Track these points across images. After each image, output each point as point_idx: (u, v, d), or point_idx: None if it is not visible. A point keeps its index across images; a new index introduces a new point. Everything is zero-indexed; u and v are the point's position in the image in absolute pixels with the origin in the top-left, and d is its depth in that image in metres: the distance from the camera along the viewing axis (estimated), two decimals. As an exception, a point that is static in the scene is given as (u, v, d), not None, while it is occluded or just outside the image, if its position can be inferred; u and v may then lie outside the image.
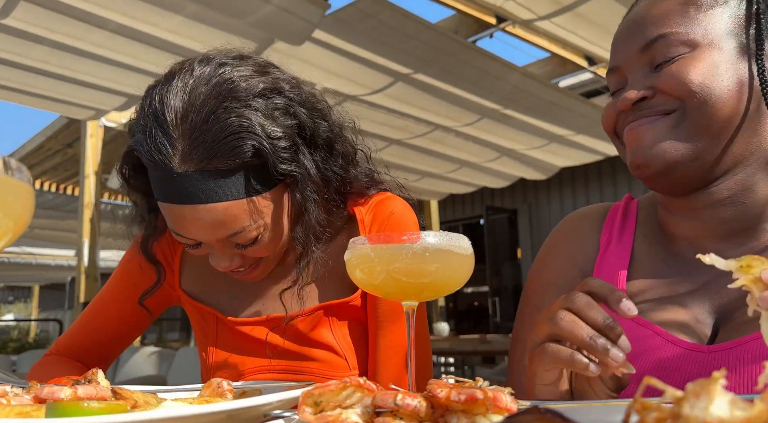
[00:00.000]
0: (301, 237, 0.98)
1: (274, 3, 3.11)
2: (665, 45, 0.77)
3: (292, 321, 1.04)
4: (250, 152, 0.88)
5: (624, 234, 0.90)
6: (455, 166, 6.29)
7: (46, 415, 0.50)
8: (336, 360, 1.04)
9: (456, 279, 0.68)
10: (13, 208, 0.51)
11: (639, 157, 0.78)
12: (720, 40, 0.77)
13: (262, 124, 0.89)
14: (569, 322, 0.61)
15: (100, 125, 5.61)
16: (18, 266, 13.13)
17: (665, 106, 0.77)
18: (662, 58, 0.77)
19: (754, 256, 0.54)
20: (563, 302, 0.64)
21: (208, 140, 0.86)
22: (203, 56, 0.96)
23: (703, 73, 0.75)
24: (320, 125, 0.98)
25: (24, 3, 3.02)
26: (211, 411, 0.50)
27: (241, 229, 0.90)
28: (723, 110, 0.76)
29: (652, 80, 0.78)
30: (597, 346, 0.59)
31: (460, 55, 3.90)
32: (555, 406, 0.48)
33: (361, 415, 0.47)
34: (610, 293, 0.63)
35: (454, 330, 8.71)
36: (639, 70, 0.80)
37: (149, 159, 0.88)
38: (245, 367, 1.07)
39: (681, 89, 0.75)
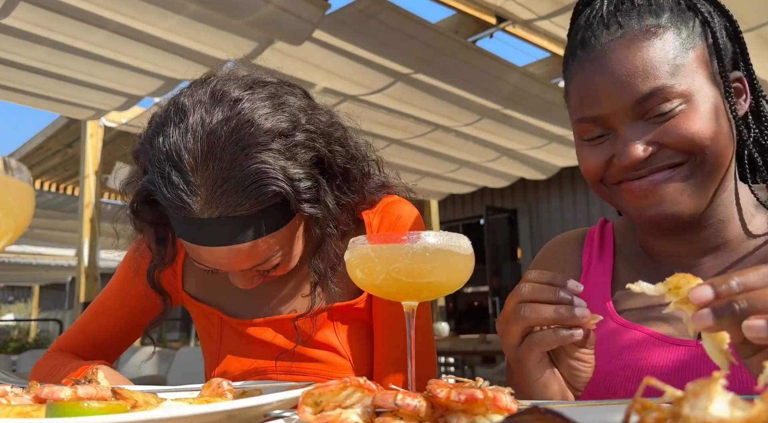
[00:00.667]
0: (318, 267, 0.99)
1: (274, 3, 3.11)
2: (660, 99, 0.76)
3: (298, 322, 1.05)
4: (273, 196, 0.87)
5: (603, 254, 0.96)
6: (455, 166, 6.29)
7: (47, 415, 0.50)
8: (339, 361, 1.04)
9: (456, 279, 0.68)
10: (13, 207, 0.51)
11: (657, 213, 0.79)
12: (703, 84, 0.79)
13: (283, 168, 0.88)
14: (531, 310, 0.67)
15: (100, 125, 5.61)
16: (18, 266, 13.13)
17: (673, 160, 0.78)
18: (658, 111, 0.77)
19: (681, 275, 0.53)
20: (513, 297, 0.70)
21: (230, 189, 0.85)
22: (214, 87, 0.92)
23: (706, 125, 0.77)
24: (337, 153, 0.98)
25: (24, 3, 3.02)
26: (211, 411, 0.50)
27: (264, 261, 0.92)
28: (727, 154, 0.80)
29: (653, 135, 0.78)
30: (565, 314, 0.66)
31: (460, 55, 3.90)
32: (555, 406, 0.48)
33: (361, 415, 0.47)
34: (552, 279, 0.68)
35: (454, 330, 8.71)
36: (633, 123, 0.79)
37: (169, 205, 0.87)
38: (250, 368, 1.07)
39: (690, 144, 0.76)
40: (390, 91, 4.34)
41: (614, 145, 0.81)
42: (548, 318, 0.66)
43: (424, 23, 3.56)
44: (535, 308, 0.67)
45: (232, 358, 1.09)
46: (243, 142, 0.86)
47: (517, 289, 0.70)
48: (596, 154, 0.83)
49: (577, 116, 0.84)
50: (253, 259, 0.91)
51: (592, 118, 0.81)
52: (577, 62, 0.83)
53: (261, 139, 0.87)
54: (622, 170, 0.81)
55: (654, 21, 0.79)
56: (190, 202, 0.85)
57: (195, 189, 0.85)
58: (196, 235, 0.88)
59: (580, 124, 0.84)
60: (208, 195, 0.85)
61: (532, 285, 0.69)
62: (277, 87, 0.96)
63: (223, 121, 0.87)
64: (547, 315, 0.66)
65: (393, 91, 4.34)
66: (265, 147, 0.87)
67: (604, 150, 0.82)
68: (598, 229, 1.00)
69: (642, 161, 0.78)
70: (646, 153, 0.78)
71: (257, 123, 0.88)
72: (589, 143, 0.84)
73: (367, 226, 1.07)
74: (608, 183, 0.84)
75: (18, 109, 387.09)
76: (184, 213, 0.86)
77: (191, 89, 0.93)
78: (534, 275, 0.70)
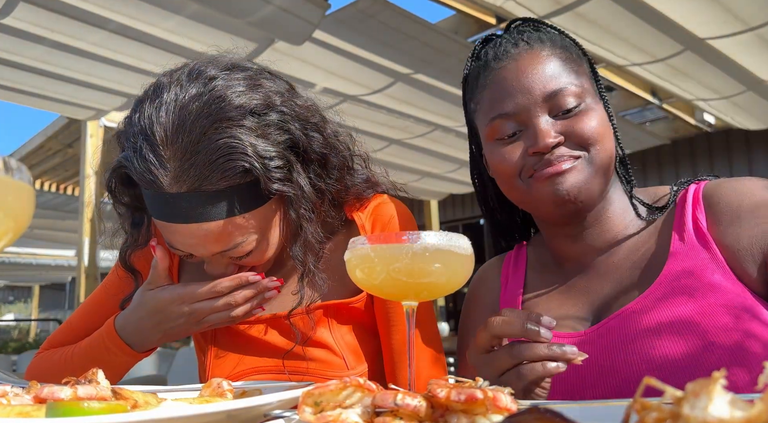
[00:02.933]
0: (299, 255, 0.98)
1: (274, 3, 3.11)
2: (565, 96, 0.92)
3: (292, 320, 1.05)
4: (242, 173, 0.88)
5: (517, 270, 1.10)
6: (455, 166, 6.29)
7: (47, 415, 0.50)
8: (333, 360, 1.04)
9: (456, 279, 0.68)
10: (13, 208, 0.51)
11: (567, 194, 0.91)
12: (594, 94, 0.97)
13: (253, 144, 0.88)
14: (527, 348, 0.75)
15: (100, 125, 5.60)
16: (18, 266, 13.13)
17: (573, 152, 0.92)
18: (564, 107, 0.92)
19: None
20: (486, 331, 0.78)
21: (199, 162, 0.86)
22: (192, 67, 0.94)
23: (600, 125, 0.93)
24: (314, 139, 0.98)
25: (24, 3, 3.02)
26: (211, 411, 0.50)
27: (234, 245, 0.92)
28: (613, 154, 0.96)
29: (560, 127, 0.92)
30: (556, 352, 0.74)
31: (460, 55, 3.90)
32: (555, 407, 0.48)
33: (361, 415, 0.47)
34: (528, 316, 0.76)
35: (454, 330, 8.69)
36: (543, 117, 0.93)
37: (140, 179, 0.88)
38: (243, 367, 1.07)
39: (588, 138, 0.92)
40: (390, 91, 4.34)
41: (527, 138, 0.93)
42: (542, 355, 0.74)
43: (424, 23, 3.56)
44: (531, 347, 0.75)
45: (225, 355, 1.09)
46: (213, 117, 0.87)
47: (491, 323, 0.78)
48: (511, 149, 0.95)
49: (491, 115, 0.96)
50: (224, 241, 0.90)
51: (508, 113, 0.94)
52: (490, 71, 0.98)
53: (232, 114, 0.88)
54: (534, 159, 0.93)
55: (551, 45, 0.98)
56: (159, 175, 0.86)
57: (164, 162, 0.86)
58: (167, 212, 0.88)
59: (495, 122, 0.96)
60: (176, 168, 0.86)
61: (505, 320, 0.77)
62: (257, 72, 0.97)
63: (196, 96, 0.88)
64: (542, 353, 0.74)
65: (393, 91, 4.34)
66: (235, 123, 0.88)
67: (518, 144, 0.95)
68: (514, 252, 1.15)
69: (551, 147, 0.91)
70: (555, 139, 0.91)
71: (229, 99, 0.89)
72: (503, 143, 0.96)
73: (360, 229, 1.06)
74: (524, 177, 0.95)
75: (18, 109, 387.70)
76: (154, 187, 0.87)
77: (171, 70, 0.96)
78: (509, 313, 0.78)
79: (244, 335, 1.08)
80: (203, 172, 0.86)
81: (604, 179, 0.95)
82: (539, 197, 0.94)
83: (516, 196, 0.99)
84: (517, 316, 0.77)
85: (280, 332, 1.07)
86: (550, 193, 0.92)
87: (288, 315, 1.03)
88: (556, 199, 0.92)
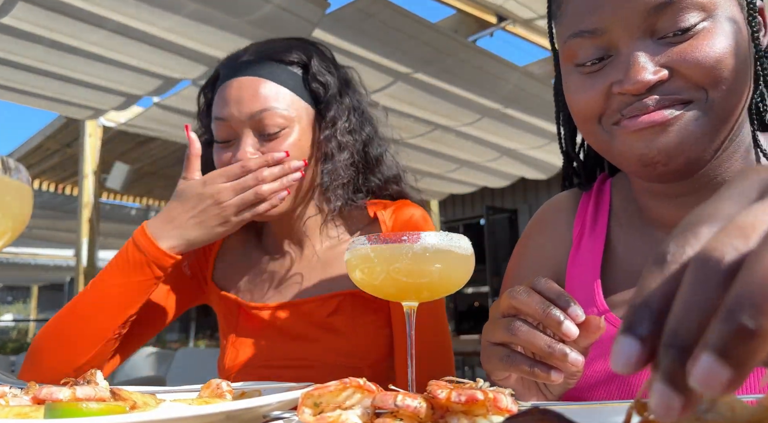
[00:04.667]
0: (326, 180, 1.07)
1: (274, 2, 3.10)
2: (679, 10, 0.63)
3: (310, 306, 1.09)
4: (300, 63, 1.08)
5: (598, 220, 0.83)
6: (455, 166, 6.29)
7: (45, 416, 0.49)
8: (349, 348, 1.06)
9: (456, 279, 0.68)
10: (11, 207, 0.51)
11: (661, 155, 0.66)
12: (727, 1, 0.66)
13: (317, 63, 1.10)
14: (527, 332, 0.60)
15: (98, 125, 5.60)
16: (17, 266, 13.12)
17: (682, 95, 0.65)
18: (675, 27, 0.64)
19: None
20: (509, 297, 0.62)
21: (272, 45, 1.11)
22: None
23: (727, 55, 0.64)
24: (362, 99, 1.18)
25: (22, 2, 3.02)
26: (210, 412, 0.50)
27: (272, 107, 1.03)
28: (743, 95, 0.67)
29: (665, 57, 0.65)
30: (557, 354, 0.58)
31: (460, 54, 3.89)
32: (555, 408, 0.48)
33: (361, 416, 0.47)
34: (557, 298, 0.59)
35: (455, 330, 8.70)
36: (641, 40, 0.65)
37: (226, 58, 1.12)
38: (262, 353, 1.10)
39: (708, 74, 0.63)
40: (390, 90, 4.33)
41: (615, 68, 0.67)
42: (539, 350, 0.59)
43: (425, 23, 3.55)
44: (531, 333, 0.59)
45: (245, 342, 1.12)
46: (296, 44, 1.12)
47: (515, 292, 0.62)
48: (592, 82, 0.69)
49: (571, 31, 0.69)
50: (263, 101, 1.03)
51: (591, 30, 0.67)
52: None
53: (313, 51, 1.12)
54: (623, 102, 0.67)
55: None
56: (239, 50, 1.11)
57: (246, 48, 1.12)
58: (232, 70, 1.07)
59: (573, 42, 0.69)
60: (253, 47, 1.11)
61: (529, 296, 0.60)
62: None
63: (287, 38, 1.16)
64: (538, 347, 0.59)
65: (393, 90, 4.34)
66: (309, 54, 1.10)
67: (602, 77, 0.68)
68: (595, 191, 0.86)
69: (649, 87, 0.65)
70: (655, 76, 0.64)
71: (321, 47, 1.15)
72: (583, 70, 0.70)
73: (382, 224, 1.11)
74: (605, 123, 0.70)
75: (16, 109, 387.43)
76: (230, 58, 1.11)
77: None
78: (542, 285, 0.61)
79: (265, 321, 1.11)
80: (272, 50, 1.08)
81: (725, 132, 0.67)
82: (624, 153, 0.70)
83: (594, 143, 0.75)
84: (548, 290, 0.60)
85: (298, 318, 1.10)
86: (637, 153, 0.68)
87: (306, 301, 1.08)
88: (645, 161, 0.68)
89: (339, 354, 1.06)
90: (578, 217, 0.86)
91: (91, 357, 0.99)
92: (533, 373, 0.60)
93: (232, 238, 1.22)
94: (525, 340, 0.59)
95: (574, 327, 0.57)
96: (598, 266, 0.79)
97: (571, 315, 0.58)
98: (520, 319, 0.61)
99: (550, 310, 0.58)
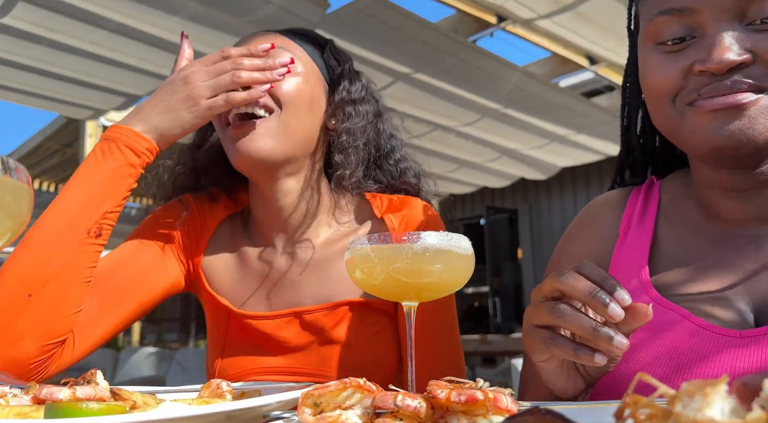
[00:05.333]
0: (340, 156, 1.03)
1: (274, 2, 3.11)
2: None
3: (312, 316, 1.00)
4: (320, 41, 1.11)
5: (645, 217, 0.84)
6: (455, 166, 6.28)
7: (45, 416, 0.49)
8: (356, 361, 0.98)
9: (456, 279, 0.68)
10: (11, 208, 0.51)
11: (728, 139, 0.67)
12: None
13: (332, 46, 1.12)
14: (571, 314, 0.61)
15: (99, 125, 5.59)
16: (18, 266, 13.08)
17: (763, 82, 0.66)
18: (761, 15, 0.65)
19: None
20: (553, 280, 0.63)
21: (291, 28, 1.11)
22: None
23: None
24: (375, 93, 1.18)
25: (23, 3, 3.02)
26: (210, 412, 0.50)
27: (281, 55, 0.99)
28: None
29: (751, 42, 0.65)
30: (601, 335, 0.59)
31: (460, 54, 3.89)
32: (556, 407, 0.48)
33: (361, 416, 0.47)
34: (603, 281, 0.61)
35: (454, 330, 8.65)
36: (729, 23, 0.66)
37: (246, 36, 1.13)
38: (254, 367, 1.01)
39: None
40: (390, 91, 4.33)
41: (698, 48, 0.68)
42: (584, 332, 0.60)
43: (424, 23, 3.55)
44: (577, 316, 0.60)
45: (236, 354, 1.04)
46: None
47: (560, 275, 0.62)
48: (672, 61, 0.70)
49: (659, 9, 0.71)
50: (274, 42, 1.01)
51: (681, 8, 0.68)
52: None
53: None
54: (701, 81, 0.68)
55: None
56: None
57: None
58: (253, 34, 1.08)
59: (660, 20, 0.70)
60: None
61: (575, 279, 0.61)
62: None
63: None
64: (583, 329, 0.59)
65: (393, 91, 4.34)
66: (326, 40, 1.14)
67: (683, 55, 0.69)
68: (644, 189, 0.87)
69: (730, 68, 0.65)
70: (739, 57, 0.65)
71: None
72: (665, 49, 0.71)
73: (391, 231, 1.05)
74: (679, 103, 0.71)
75: (17, 109, 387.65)
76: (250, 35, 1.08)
77: None
78: (588, 269, 0.62)
79: (258, 331, 1.02)
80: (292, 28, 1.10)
81: None
82: (694, 135, 0.70)
83: (663, 123, 0.75)
84: (594, 274, 0.60)
85: (299, 329, 1.01)
86: (709, 135, 0.68)
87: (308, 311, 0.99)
88: (714, 144, 0.68)
89: (346, 369, 0.98)
90: (626, 213, 0.87)
91: (61, 269, 0.84)
92: (577, 356, 0.61)
93: (223, 227, 1.12)
94: (571, 323, 0.60)
95: (620, 309, 0.58)
96: (646, 255, 0.80)
97: (617, 299, 0.59)
98: (564, 303, 0.62)
99: (597, 292, 0.59)
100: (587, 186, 8.40)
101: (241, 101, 0.93)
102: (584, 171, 7.89)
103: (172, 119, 0.91)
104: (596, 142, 5.72)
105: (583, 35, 3.92)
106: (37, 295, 0.84)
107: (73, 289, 0.87)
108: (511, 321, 8.00)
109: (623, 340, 0.58)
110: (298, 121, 1.00)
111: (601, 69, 4.60)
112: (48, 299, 0.85)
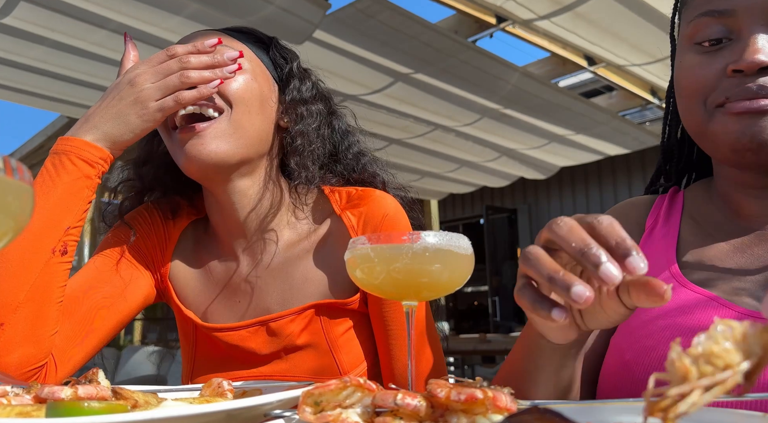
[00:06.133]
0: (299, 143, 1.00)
1: (274, 3, 3.11)
2: None
3: (278, 323, 0.99)
4: (264, 40, 1.06)
5: (670, 219, 0.85)
6: (455, 166, 6.29)
7: (47, 415, 0.50)
8: (327, 364, 0.98)
9: (456, 279, 0.68)
10: (12, 208, 0.51)
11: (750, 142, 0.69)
12: None
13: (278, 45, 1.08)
14: (534, 259, 0.52)
15: (100, 125, 5.60)
16: (18, 266, 13.08)
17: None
18: None
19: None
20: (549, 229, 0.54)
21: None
22: None
23: None
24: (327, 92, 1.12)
25: (24, 2, 3.02)
26: (211, 411, 0.50)
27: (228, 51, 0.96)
28: None
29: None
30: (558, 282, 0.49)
31: (460, 55, 3.90)
32: (555, 406, 0.48)
33: (361, 415, 0.47)
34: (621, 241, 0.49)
35: (454, 330, 8.71)
36: (764, 27, 0.69)
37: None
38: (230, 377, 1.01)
39: None
40: (390, 91, 4.34)
41: (732, 49, 0.71)
42: (539, 279, 0.51)
43: (424, 23, 3.56)
44: (536, 262, 0.51)
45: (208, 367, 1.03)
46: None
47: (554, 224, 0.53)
48: (707, 61, 0.73)
49: (700, 10, 0.73)
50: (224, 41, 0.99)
51: (721, 10, 0.71)
52: None
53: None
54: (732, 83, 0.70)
55: None
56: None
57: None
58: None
59: (700, 21, 0.73)
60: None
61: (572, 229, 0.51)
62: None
63: None
64: (539, 276, 0.50)
65: (393, 91, 4.34)
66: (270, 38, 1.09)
67: (718, 56, 0.72)
68: (669, 195, 0.90)
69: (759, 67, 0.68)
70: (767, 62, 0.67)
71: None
72: (702, 50, 0.74)
73: (350, 229, 1.00)
74: (709, 104, 0.73)
75: (18, 109, 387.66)
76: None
77: None
78: (605, 225, 0.50)
79: (226, 343, 1.01)
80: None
81: None
82: (718, 136, 0.72)
83: (692, 122, 0.77)
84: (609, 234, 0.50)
85: (267, 337, 1.00)
86: (732, 137, 0.71)
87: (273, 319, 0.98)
88: (736, 146, 0.71)
89: (319, 371, 0.97)
90: (652, 213, 0.89)
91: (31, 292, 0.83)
92: (534, 310, 0.51)
93: (186, 236, 1.10)
94: (531, 270, 0.52)
95: (617, 271, 0.47)
96: (673, 251, 0.80)
97: (629, 266, 0.47)
98: (543, 250, 0.53)
99: (590, 248, 0.48)
100: (586, 186, 8.41)
101: (191, 100, 0.89)
102: (583, 171, 7.90)
103: (122, 125, 0.88)
104: (595, 142, 5.73)
105: (582, 36, 3.93)
106: (10, 322, 0.82)
107: (45, 311, 0.85)
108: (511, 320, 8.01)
109: (584, 292, 0.47)
110: (249, 121, 0.96)
111: (600, 69, 4.60)
112: (22, 325, 0.83)
